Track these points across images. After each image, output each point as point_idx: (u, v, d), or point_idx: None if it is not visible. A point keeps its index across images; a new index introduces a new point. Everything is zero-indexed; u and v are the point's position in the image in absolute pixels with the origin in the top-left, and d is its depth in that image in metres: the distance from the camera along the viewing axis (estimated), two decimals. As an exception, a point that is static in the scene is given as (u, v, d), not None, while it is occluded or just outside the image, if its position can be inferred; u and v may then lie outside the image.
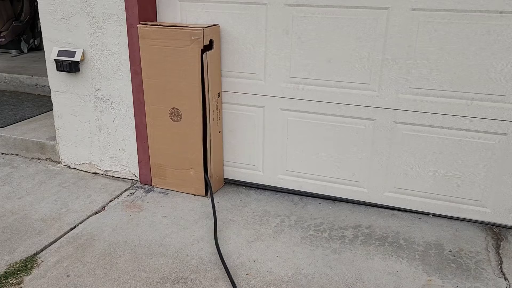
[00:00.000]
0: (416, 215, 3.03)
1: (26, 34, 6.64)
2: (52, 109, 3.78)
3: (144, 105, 3.23)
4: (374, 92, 2.87)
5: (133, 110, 3.33)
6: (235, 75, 3.16)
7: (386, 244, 2.73)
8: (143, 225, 2.92)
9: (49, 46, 3.43)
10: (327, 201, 3.21)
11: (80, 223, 2.96)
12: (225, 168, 3.43)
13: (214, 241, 2.72)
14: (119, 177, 3.57)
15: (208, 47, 2.97)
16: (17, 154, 3.95)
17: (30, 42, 6.74)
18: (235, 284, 2.34)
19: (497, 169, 2.78)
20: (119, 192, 3.34)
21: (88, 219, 3.00)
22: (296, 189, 3.28)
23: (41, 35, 3.68)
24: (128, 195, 3.31)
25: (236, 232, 2.84)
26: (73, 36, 3.32)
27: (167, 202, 3.20)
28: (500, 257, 2.61)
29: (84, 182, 3.50)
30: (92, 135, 3.55)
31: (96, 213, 3.08)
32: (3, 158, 3.90)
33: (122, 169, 3.54)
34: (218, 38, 3.07)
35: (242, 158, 3.35)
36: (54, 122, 3.69)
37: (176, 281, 2.41)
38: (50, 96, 3.64)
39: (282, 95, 3.08)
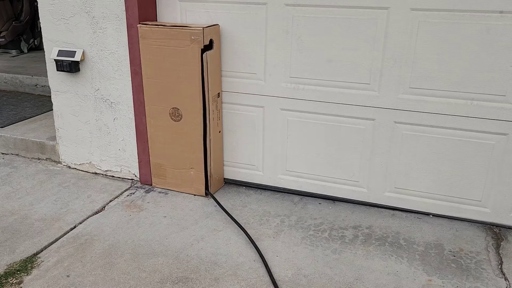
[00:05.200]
0: (416, 215, 3.03)
1: (26, 34, 6.64)
2: (52, 109, 3.78)
3: (144, 105, 3.23)
4: (374, 92, 2.87)
5: (133, 110, 3.33)
6: (235, 75, 3.16)
7: (386, 244, 2.73)
8: (143, 225, 2.92)
9: (49, 46, 3.43)
10: (327, 201, 3.21)
11: (80, 223, 2.96)
12: (225, 168, 3.43)
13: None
14: (119, 177, 3.57)
15: (208, 47, 2.97)
16: (17, 154, 3.95)
17: (30, 42, 6.74)
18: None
19: (497, 169, 2.78)
20: (119, 192, 3.34)
21: (88, 219, 3.00)
22: (296, 189, 3.28)
23: (41, 35, 3.68)
24: (128, 195, 3.31)
25: (236, 232, 2.84)
26: (73, 36, 3.32)
27: (167, 202, 3.20)
28: (500, 257, 2.61)
29: (84, 182, 3.50)
30: (92, 135, 3.55)
31: (96, 213, 3.07)
32: (3, 158, 3.90)
33: (122, 169, 3.54)
34: (218, 38, 3.07)
35: (242, 158, 3.35)
36: (54, 122, 3.69)
37: (176, 281, 2.41)
38: (50, 96, 3.63)
39: (282, 95, 3.08)
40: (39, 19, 5.23)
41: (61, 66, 3.35)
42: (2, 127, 4.11)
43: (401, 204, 3.06)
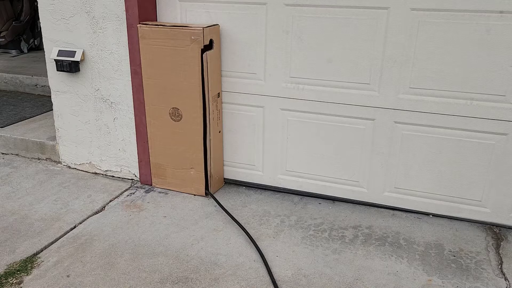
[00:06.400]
0: (416, 215, 3.03)
1: (26, 34, 6.64)
2: (52, 109, 3.78)
3: (144, 105, 3.23)
4: (374, 92, 2.87)
5: (133, 110, 3.33)
6: (235, 75, 3.16)
7: (386, 244, 2.73)
8: (143, 225, 2.92)
9: (49, 46, 3.43)
10: (327, 201, 3.21)
11: (80, 223, 2.96)
12: (225, 168, 3.43)
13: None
14: (119, 177, 3.57)
15: (208, 47, 2.97)
16: (17, 154, 3.95)
17: (30, 42, 6.74)
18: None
19: (497, 169, 2.78)
20: (119, 192, 3.34)
21: (88, 219, 3.00)
22: (296, 189, 3.28)
23: (41, 35, 3.68)
24: (128, 195, 3.31)
25: (236, 232, 2.84)
26: (73, 36, 3.32)
27: (167, 202, 3.20)
28: (500, 257, 2.61)
29: (84, 182, 3.50)
30: (92, 135, 3.55)
31: (96, 213, 3.07)
32: (3, 158, 3.90)
33: (122, 169, 3.54)
34: (218, 38, 3.07)
35: (242, 158, 3.35)
36: (54, 122, 3.69)
37: (176, 281, 2.41)
38: (50, 96, 3.64)
39: (282, 95, 3.08)
40: (39, 19, 5.23)
41: (61, 66, 3.35)
42: (2, 127, 4.11)
43: (401, 204, 3.06)
